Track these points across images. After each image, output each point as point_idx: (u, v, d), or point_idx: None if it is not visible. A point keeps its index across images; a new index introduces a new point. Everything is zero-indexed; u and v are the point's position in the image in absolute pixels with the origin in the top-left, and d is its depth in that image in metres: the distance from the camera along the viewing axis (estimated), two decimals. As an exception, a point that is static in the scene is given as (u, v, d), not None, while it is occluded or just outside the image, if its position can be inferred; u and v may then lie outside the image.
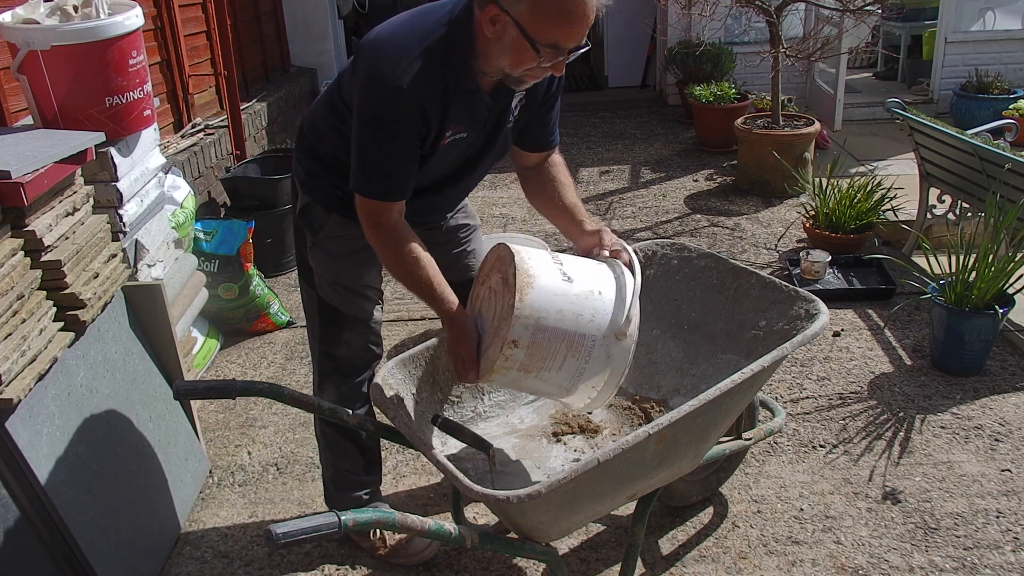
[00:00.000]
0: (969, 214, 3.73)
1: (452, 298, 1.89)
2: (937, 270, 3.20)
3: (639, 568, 2.27)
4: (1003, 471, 2.60)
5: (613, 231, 1.98)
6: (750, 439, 2.35)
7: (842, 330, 3.48)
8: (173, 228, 3.10)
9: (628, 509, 2.31)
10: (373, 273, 2.18)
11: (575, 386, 1.82)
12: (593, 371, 1.79)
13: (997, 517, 2.41)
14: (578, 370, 1.79)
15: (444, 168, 1.99)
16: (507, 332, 1.72)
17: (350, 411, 2.07)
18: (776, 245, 4.36)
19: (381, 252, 1.93)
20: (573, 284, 1.79)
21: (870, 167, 5.33)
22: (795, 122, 5.13)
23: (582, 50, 1.73)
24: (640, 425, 2.11)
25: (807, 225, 4.24)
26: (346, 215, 2.00)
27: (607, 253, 1.96)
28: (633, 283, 1.85)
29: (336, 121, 1.95)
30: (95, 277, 2.27)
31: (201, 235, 3.57)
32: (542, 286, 1.75)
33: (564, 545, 2.37)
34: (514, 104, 1.96)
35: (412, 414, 1.98)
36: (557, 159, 2.16)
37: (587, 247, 2.01)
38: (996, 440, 2.74)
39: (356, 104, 1.82)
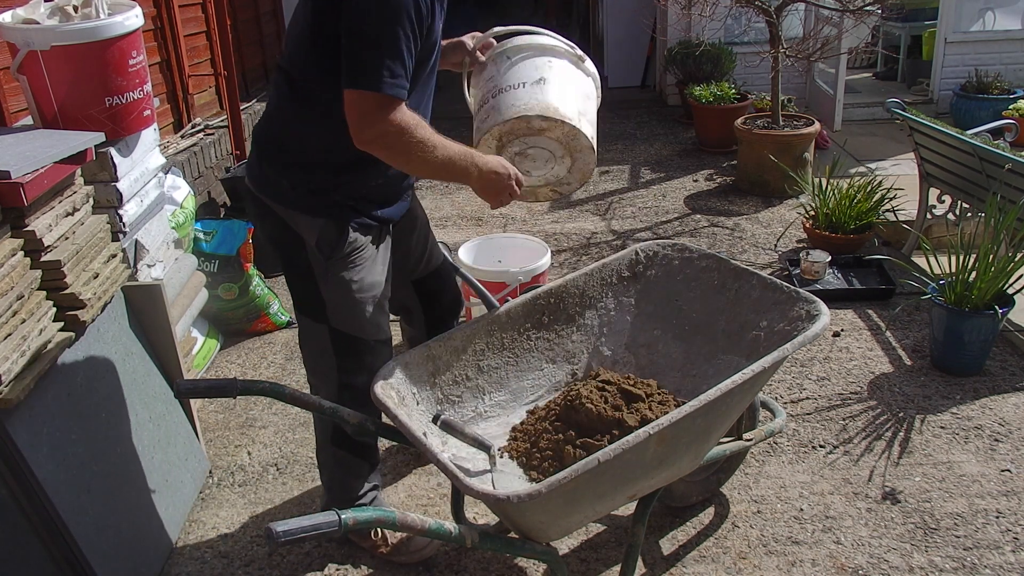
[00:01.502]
0: (969, 214, 3.73)
1: (475, 152, 1.96)
2: (937, 270, 3.20)
3: (639, 568, 2.27)
4: (1003, 471, 2.60)
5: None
6: (750, 440, 2.35)
7: (842, 330, 3.48)
8: (173, 228, 3.09)
9: (628, 509, 2.31)
10: (387, 276, 2.15)
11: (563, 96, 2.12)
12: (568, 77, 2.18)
13: (997, 517, 2.41)
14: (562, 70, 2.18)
15: (431, 68, 2.00)
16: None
17: (350, 411, 2.06)
18: (776, 245, 4.36)
19: (404, 144, 1.80)
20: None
21: (870, 167, 5.34)
22: (795, 122, 5.13)
23: None
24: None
25: (807, 225, 4.25)
26: (359, 223, 2.02)
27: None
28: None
29: (308, 112, 1.89)
30: (95, 277, 2.27)
31: (201, 235, 3.57)
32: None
33: (564, 545, 2.37)
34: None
35: (412, 414, 1.98)
36: None
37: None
38: (996, 440, 2.75)
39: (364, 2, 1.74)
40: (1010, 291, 3.05)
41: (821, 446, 2.76)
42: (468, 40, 2.30)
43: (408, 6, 1.75)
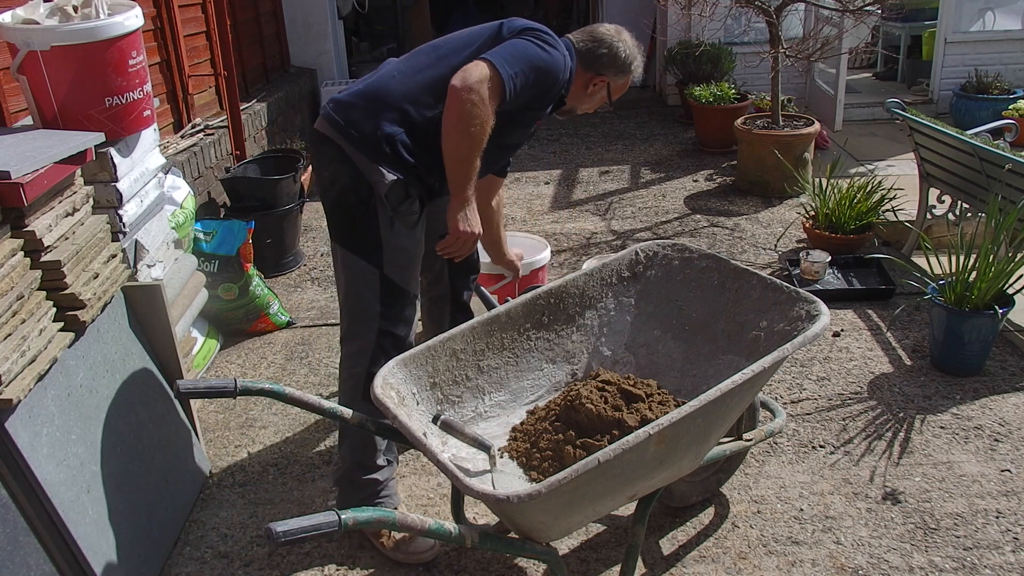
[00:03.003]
0: (969, 214, 3.73)
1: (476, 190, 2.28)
2: (937, 270, 3.21)
3: (639, 568, 2.27)
4: (1003, 471, 2.60)
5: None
6: (750, 440, 2.35)
7: (842, 330, 3.48)
8: (173, 228, 3.09)
9: (628, 509, 2.31)
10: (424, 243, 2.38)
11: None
12: None
13: (997, 517, 2.41)
14: None
15: (516, 138, 2.43)
16: None
17: (350, 411, 2.07)
18: (776, 245, 4.36)
19: (473, 112, 2.06)
20: None
21: (870, 167, 5.34)
22: (795, 122, 5.13)
23: None
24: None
25: (807, 225, 4.25)
26: (422, 194, 2.27)
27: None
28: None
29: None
30: (95, 277, 2.27)
31: (201, 235, 3.57)
32: None
33: (564, 545, 2.37)
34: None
35: (412, 414, 1.98)
36: (502, 197, 2.85)
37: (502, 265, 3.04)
38: (996, 440, 2.75)
39: (534, 48, 2.17)
40: (1010, 291, 3.05)
41: (821, 446, 2.76)
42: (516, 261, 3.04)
43: (550, 77, 2.20)
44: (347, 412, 2.06)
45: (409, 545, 2.32)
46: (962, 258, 3.02)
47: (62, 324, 2.13)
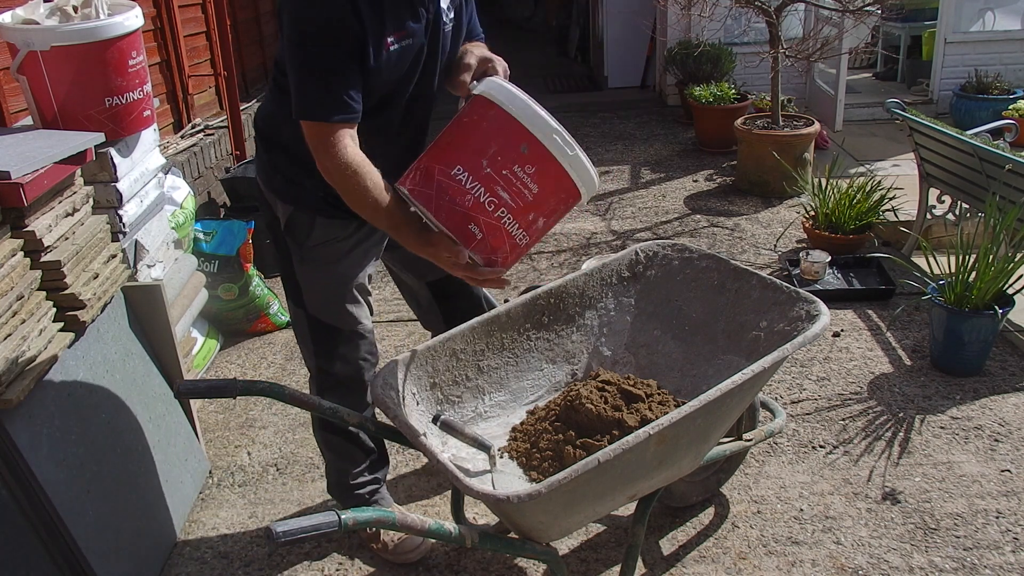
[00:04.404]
0: (969, 214, 3.73)
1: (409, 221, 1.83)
2: (937, 270, 3.21)
3: (639, 568, 2.27)
4: (1003, 471, 2.60)
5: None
6: (750, 440, 2.35)
7: (842, 330, 3.48)
8: (173, 228, 3.09)
9: (628, 509, 2.32)
10: (366, 273, 2.15)
11: None
12: None
13: (997, 517, 2.41)
14: None
15: (400, 82, 1.87)
16: None
17: (350, 411, 2.07)
18: (776, 245, 4.36)
19: (344, 185, 1.76)
20: None
21: (870, 167, 5.34)
22: (795, 122, 5.13)
23: None
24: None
25: (807, 225, 4.25)
26: (332, 215, 1.98)
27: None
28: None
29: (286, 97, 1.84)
30: (95, 277, 2.27)
31: (201, 236, 3.57)
32: None
33: (564, 545, 2.37)
34: (445, 5, 1.89)
35: (412, 414, 1.98)
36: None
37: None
38: (996, 440, 2.75)
39: (285, 21, 1.72)
40: (1010, 291, 3.05)
41: (821, 446, 2.76)
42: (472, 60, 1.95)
43: (321, 26, 1.68)
44: (347, 412, 2.06)
45: (399, 546, 2.32)
46: (962, 258, 3.02)
47: (62, 324, 2.13)
